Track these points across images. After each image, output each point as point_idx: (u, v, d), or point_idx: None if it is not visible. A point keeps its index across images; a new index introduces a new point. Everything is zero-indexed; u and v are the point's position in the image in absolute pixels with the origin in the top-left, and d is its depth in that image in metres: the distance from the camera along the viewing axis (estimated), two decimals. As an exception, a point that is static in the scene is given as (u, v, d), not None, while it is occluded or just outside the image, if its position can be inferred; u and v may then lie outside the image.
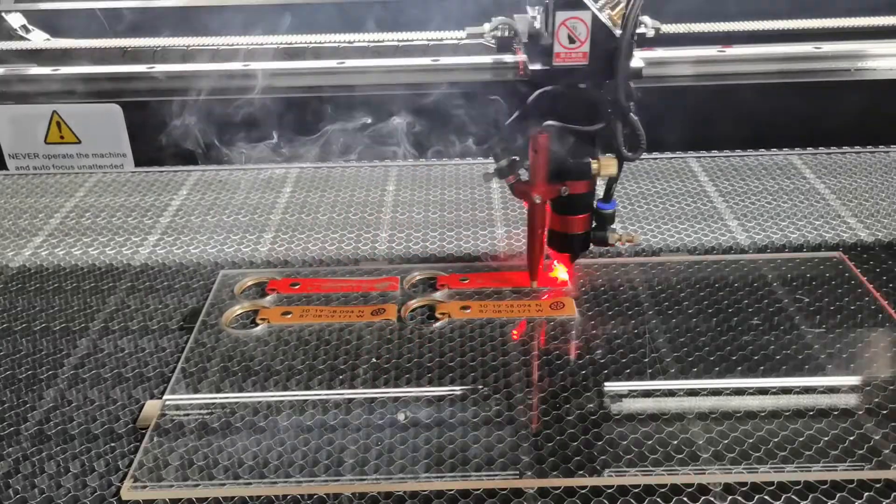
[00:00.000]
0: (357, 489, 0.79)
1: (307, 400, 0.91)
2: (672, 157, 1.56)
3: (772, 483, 0.78)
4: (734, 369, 0.94)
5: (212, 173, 1.55)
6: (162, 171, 1.56)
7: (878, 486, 0.77)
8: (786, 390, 0.90)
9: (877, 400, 0.88)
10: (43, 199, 1.46)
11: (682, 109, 1.09)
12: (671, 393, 0.90)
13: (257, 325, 1.05)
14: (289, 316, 1.06)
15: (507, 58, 1.00)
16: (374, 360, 0.97)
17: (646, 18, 1.06)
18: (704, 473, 0.79)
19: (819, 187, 1.42)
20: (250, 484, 0.80)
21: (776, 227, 1.29)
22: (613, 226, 1.05)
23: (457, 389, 0.92)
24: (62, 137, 1.04)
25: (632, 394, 0.90)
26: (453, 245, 1.26)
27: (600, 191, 1.03)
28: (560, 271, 1.12)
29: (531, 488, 0.79)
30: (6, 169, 1.06)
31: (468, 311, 1.06)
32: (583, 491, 0.78)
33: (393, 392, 0.92)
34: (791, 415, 0.86)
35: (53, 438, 0.87)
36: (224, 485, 0.80)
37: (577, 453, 0.82)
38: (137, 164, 1.05)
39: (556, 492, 0.78)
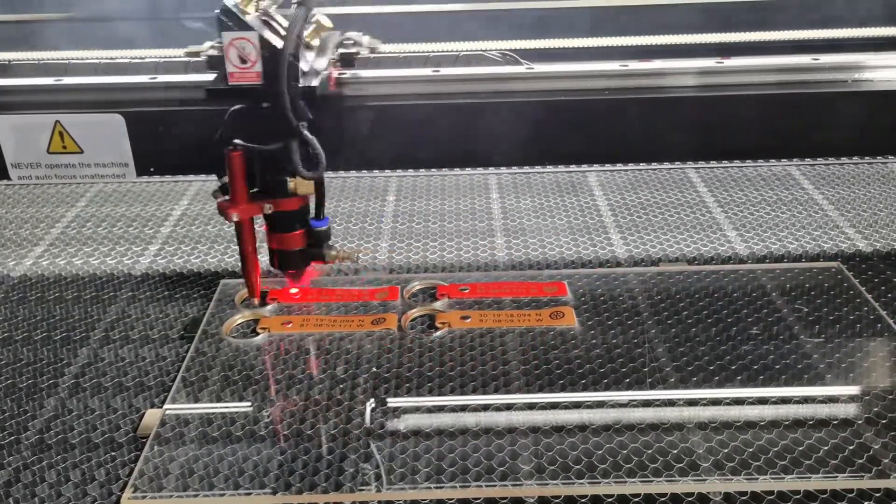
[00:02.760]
0: (357, 498, 0.79)
1: (308, 409, 0.91)
2: (671, 168, 1.56)
3: (772, 492, 0.78)
4: (734, 379, 0.94)
5: (212, 183, 1.55)
6: (163, 182, 1.57)
7: (877, 495, 0.77)
8: (785, 400, 0.91)
9: (876, 409, 0.88)
10: (45, 209, 1.47)
11: (680, 121, 1.09)
12: (671, 402, 0.91)
13: (258, 334, 1.05)
14: (289, 325, 1.06)
15: (206, 77, 1.00)
16: (374, 369, 0.97)
17: (363, 38, 1.06)
18: (704, 483, 0.79)
19: (817, 198, 1.43)
20: (250, 493, 0.80)
21: (775, 237, 1.29)
22: (329, 243, 1.04)
23: (457, 399, 0.92)
24: (64, 147, 1.04)
25: (632, 403, 0.91)
26: (453, 255, 1.26)
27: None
28: (292, 288, 1.11)
29: (531, 497, 0.79)
30: (8, 178, 1.07)
31: (468, 320, 1.06)
32: (583, 500, 0.78)
33: (394, 401, 0.92)
34: (791, 424, 0.86)
35: (54, 447, 0.87)
36: (224, 494, 0.80)
37: (577, 462, 0.82)
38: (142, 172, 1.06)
39: (557, 501, 0.78)
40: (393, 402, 0.92)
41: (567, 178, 1.55)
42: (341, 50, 1.06)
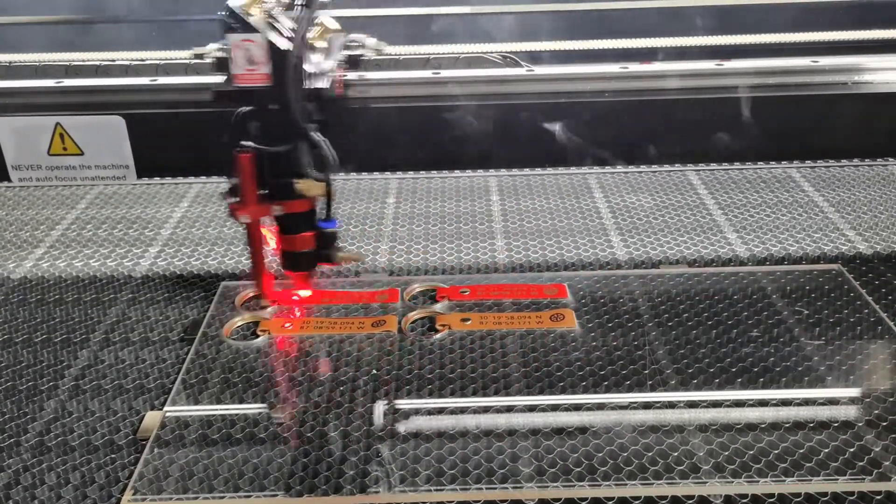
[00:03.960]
0: (357, 501, 0.79)
1: (307, 411, 0.91)
2: (671, 170, 1.56)
3: (772, 495, 0.78)
4: (734, 381, 0.94)
5: (213, 185, 1.56)
6: (163, 184, 1.57)
7: (878, 497, 0.77)
8: (786, 402, 0.91)
9: (876, 412, 0.88)
10: (45, 211, 1.47)
11: (680, 122, 1.09)
12: (671, 405, 0.90)
13: (258, 336, 1.05)
14: (289, 327, 1.06)
15: (211, 79, 1.00)
16: (374, 371, 0.97)
17: (370, 39, 1.07)
18: (705, 485, 0.79)
19: (818, 200, 1.43)
20: (250, 496, 0.80)
21: (775, 239, 1.29)
22: (337, 244, 1.05)
23: (458, 401, 0.92)
24: (65, 149, 1.05)
25: (632, 405, 0.90)
26: (454, 257, 1.26)
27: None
28: (302, 290, 1.12)
29: (531, 500, 0.78)
30: (9, 180, 1.07)
31: (468, 322, 1.06)
32: (583, 503, 0.78)
33: (393, 403, 0.92)
34: (791, 426, 0.86)
35: (54, 449, 0.87)
36: (224, 496, 0.80)
37: (577, 464, 0.82)
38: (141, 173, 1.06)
39: (557, 503, 0.78)
40: (395, 404, 0.92)
41: (567, 180, 1.55)
42: (347, 52, 1.06)
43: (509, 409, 0.90)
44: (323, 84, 0.95)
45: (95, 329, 1.09)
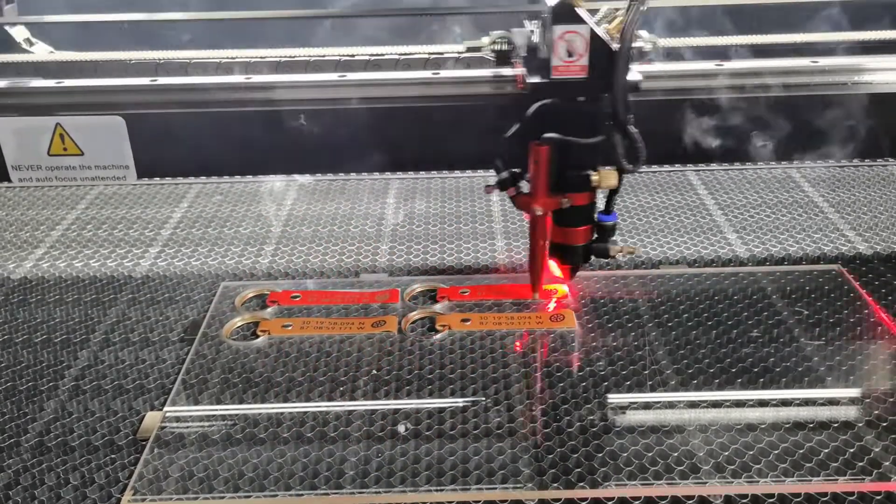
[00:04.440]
0: (358, 501, 0.79)
1: (307, 412, 0.91)
2: (671, 171, 1.56)
3: (772, 495, 0.78)
4: (734, 381, 0.94)
5: (213, 185, 1.56)
6: (163, 184, 1.57)
7: (878, 498, 0.77)
8: (786, 402, 0.91)
9: (876, 412, 0.88)
10: (45, 211, 1.47)
11: (680, 123, 1.09)
12: (671, 405, 0.90)
13: (258, 336, 1.05)
14: (289, 328, 1.06)
15: (506, 71, 1.01)
16: (374, 371, 0.97)
17: (643, 32, 1.07)
18: (705, 485, 0.79)
19: (818, 200, 1.43)
20: (250, 496, 0.80)
21: (775, 239, 1.29)
22: (614, 238, 1.05)
23: (457, 401, 0.92)
24: (65, 149, 1.05)
25: (632, 406, 0.90)
26: (454, 257, 1.26)
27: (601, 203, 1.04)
28: (562, 284, 1.12)
29: (532, 500, 0.78)
30: (9, 181, 1.07)
31: (468, 323, 1.06)
32: (583, 503, 0.78)
33: (393, 404, 0.92)
34: (791, 427, 0.86)
35: (54, 450, 0.87)
36: (224, 497, 0.80)
37: (578, 465, 0.82)
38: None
39: (557, 503, 0.78)
40: (395, 404, 0.92)
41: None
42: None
43: (508, 408, 0.90)
44: (637, 77, 0.94)
45: (95, 329, 1.09)
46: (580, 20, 0.90)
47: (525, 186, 1.01)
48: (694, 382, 0.94)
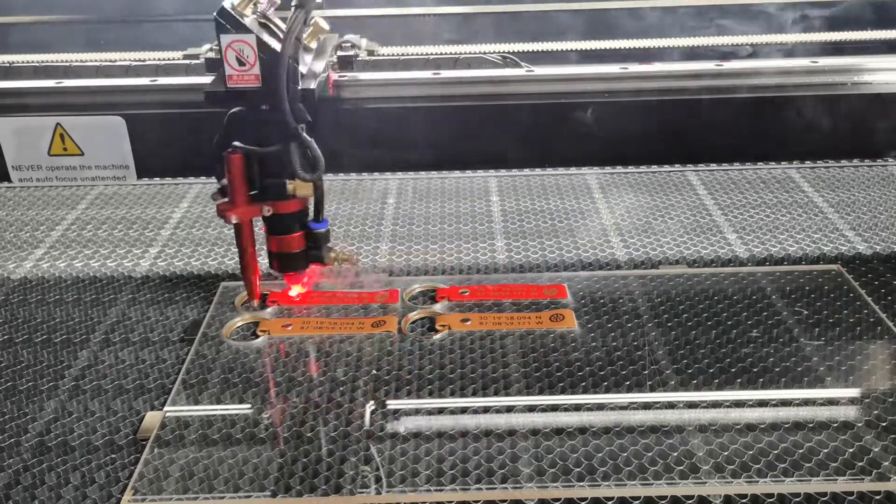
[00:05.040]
0: (357, 501, 0.79)
1: (307, 411, 0.91)
2: (671, 171, 1.56)
3: (772, 495, 0.78)
4: (734, 381, 0.94)
5: (213, 186, 1.56)
6: (163, 184, 1.57)
7: (877, 498, 0.77)
8: (785, 402, 0.91)
9: (876, 412, 0.88)
10: (45, 212, 1.47)
11: (680, 123, 1.09)
12: (671, 405, 0.91)
13: (258, 336, 1.05)
14: (289, 328, 1.06)
15: (203, 79, 1.00)
16: (374, 371, 0.97)
17: (361, 40, 1.07)
18: (705, 485, 0.79)
19: (817, 200, 1.43)
20: (250, 496, 0.80)
21: (775, 240, 1.29)
22: (329, 244, 1.05)
23: (457, 401, 0.92)
24: (65, 149, 1.05)
25: (631, 405, 0.91)
26: (454, 258, 1.27)
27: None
28: (292, 289, 1.11)
29: (531, 500, 0.79)
30: (9, 181, 1.07)
31: (468, 323, 1.06)
32: (583, 503, 0.78)
33: (394, 404, 0.92)
34: (791, 427, 0.86)
35: (54, 450, 0.87)
36: (224, 496, 0.80)
37: (577, 465, 0.82)
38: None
39: (557, 503, 0.78)
40: (393, 404, 0.92)
41: (567, 180, 1.55)
42: (339, 53, 1.07)
43: (509, 409, 0.90)
44: (313, 85, 0.95)
45: (95, 329, 1.09)
46: (245, 29, 0.90)
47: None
48: (693, 382, 0.94)
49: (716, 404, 0.91)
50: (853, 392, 0.92)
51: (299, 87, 0.93)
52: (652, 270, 1.20)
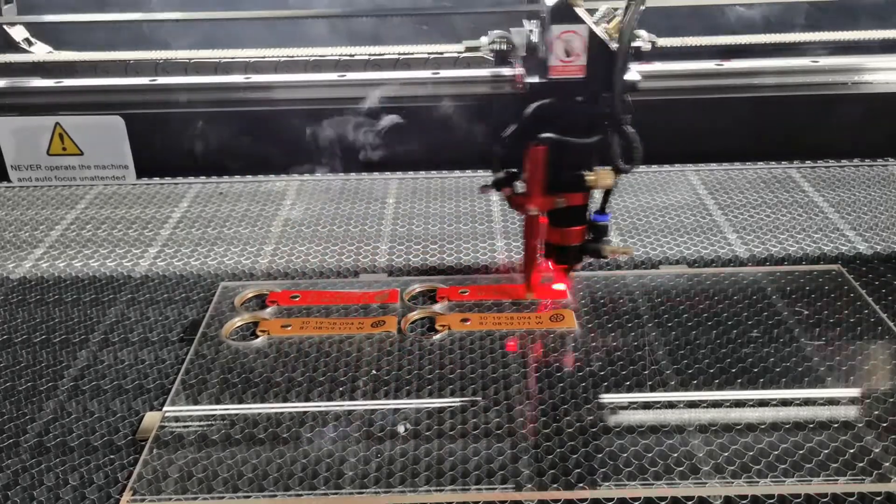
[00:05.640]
0: (357, 501, 0.79)
1: (307, 412, 0.91)
2: (671, 170, 1.56)
3: (772, 496, 0.78)
4: (734, 381, 0.94)
5: (212, 186, 1.56)
6: (163, 184, 1.57)
7: (878, 498, 0.77)
8: (786, 403, 0.90)
9: (876, 412, 0.88)
10: (44, 211, 1.47)
11: (680, 123, 1.09)
12: (671, 405, 0.90)
13: (257, 336, 1.05)
14: (289, 328, 1.06)
15: (505, 70, 1.01)
16: (373, 371, 0.97)
17: (642, 32, 1.07)
18: (705, 486, 0.79)
19: (818, 200, 1.42)
20: (249, 496, 0.79)
21: (775, 239, 1.29)
22: (608, 237, 1.05)
23: (456, 401, 0.92)
24: (65, 149, 1.04)
25: (632, 406, 0.90)
26: (453, 258, 1.26)
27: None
28: (558, 283, 1.12)
29: (531, 501, 0.78)
30: (8, 180, 1.07)
31: (468, 323, 1.06)
32: (583, 503, 0.78)
33: (393, 404, 0.92)
34: (791, 427, 0.86)
35: (53, 450, 0.87)
36: (223, 497, 0.79)
37: (577, 466, 0.82)
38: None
39: (557, 504, 0.78)
40: (394, 404, 0.92)
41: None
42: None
43: (508, 408, 0.90)
44: (636, 77, 0.94)
45: (94, 329, 1.09)
46: (579, 20, 0.90)
47: (520, 186, 1.01)
48: (694, 382, 0.94)
49: (716, 404, 0.90)
50: (854, 392, 0.92)
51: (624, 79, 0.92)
52: (652, 270, 1.19)
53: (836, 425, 0.86)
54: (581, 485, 0.79)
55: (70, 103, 1.05)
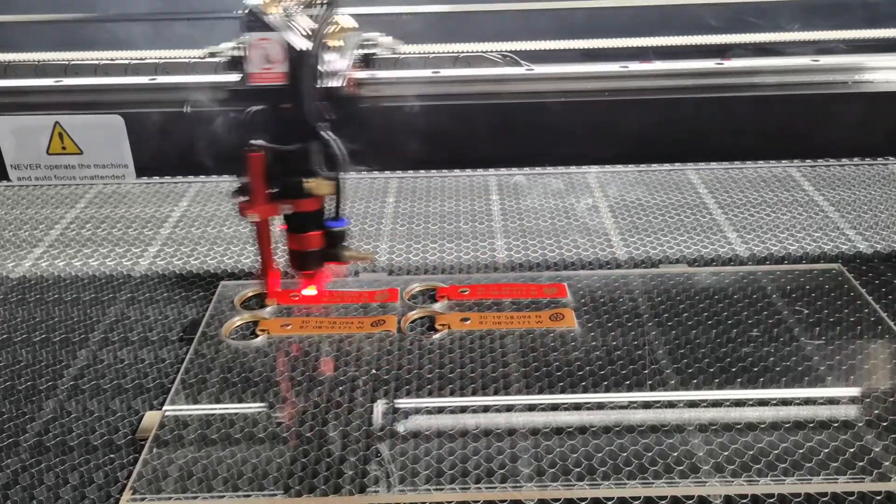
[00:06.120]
0: (357, 501, 0.79)
1: (307, 411, 0.91)
2: (671, 169, 1.56)
3: (772, 495, 0.78)
4: (734, 381, 0.94)
5: (212, 185, 1.56)
6: (163, 183, 1.57)
7: (878, 498, 0.77)
8: (786, 402, 0.90)
9: (877, 412, 0.88)
10: (44, 210, 1.47)
11: (680, 122, 1.09)
12: (671, 404, 0.90)
13: (257, 336, 1.05)
14: (288, 327, 1.06)
15: (228, 77, 1.00)
16: (373, 371, 0.97)
17: (386, 38, 1.06)
18: (705, 485, 0.79)
19: (818, 199, 1.42)
20: (249, 496, 0.79)
21: (775, 238, 1.29)
22: (345, 243, 1.05)
23: (456, 401, 0.92)
24: (64, 148, 1.04)
25: (632, 405, 0.90)
26: (453, 257, 1.26)
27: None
28: (306, 289, 1.12)
29: (531, 500, 0.78)
30: (8, 179, 1.07)
31: (468, 322, 1.06)
32: (583, 503, 0.78)
33: (392, 403, 0.92)
34: (791, 426, 0.86)
35: (52, 449, 0.87)
36: (223, 496, 0.79)
37: (578, 465, 0.82)
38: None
39: (557, 503, 0.78)
40: (395, 404, 0.92)
41: (566, 179, 1.54)
42: (361, 51, 1.06)
43: (509, 409, 0.90)
44: (336, 83, 0.95)
45: (94, 329, 1.09)
46: (269, 28, 0.90)
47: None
48: (694, 382, 0.94)
49: (716, 404, 0.90)
50: (854, 391, 0.92)
51: (322, 86, 0.93)
52: (652, 269, 1.19)
53: (835, 424, 0.86)
54: (581, 484, 0.79)
55: (70, 102, 1.05)
